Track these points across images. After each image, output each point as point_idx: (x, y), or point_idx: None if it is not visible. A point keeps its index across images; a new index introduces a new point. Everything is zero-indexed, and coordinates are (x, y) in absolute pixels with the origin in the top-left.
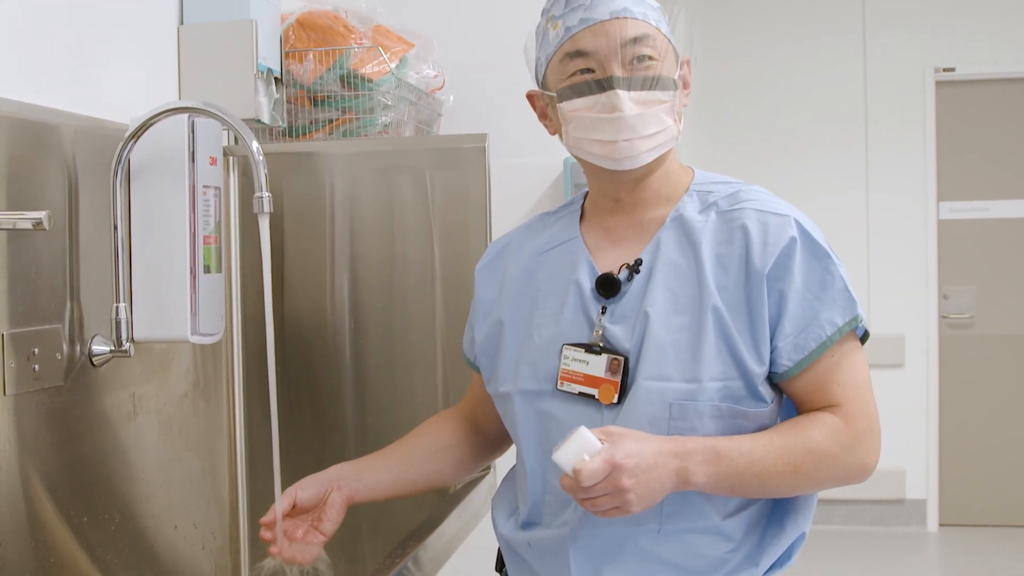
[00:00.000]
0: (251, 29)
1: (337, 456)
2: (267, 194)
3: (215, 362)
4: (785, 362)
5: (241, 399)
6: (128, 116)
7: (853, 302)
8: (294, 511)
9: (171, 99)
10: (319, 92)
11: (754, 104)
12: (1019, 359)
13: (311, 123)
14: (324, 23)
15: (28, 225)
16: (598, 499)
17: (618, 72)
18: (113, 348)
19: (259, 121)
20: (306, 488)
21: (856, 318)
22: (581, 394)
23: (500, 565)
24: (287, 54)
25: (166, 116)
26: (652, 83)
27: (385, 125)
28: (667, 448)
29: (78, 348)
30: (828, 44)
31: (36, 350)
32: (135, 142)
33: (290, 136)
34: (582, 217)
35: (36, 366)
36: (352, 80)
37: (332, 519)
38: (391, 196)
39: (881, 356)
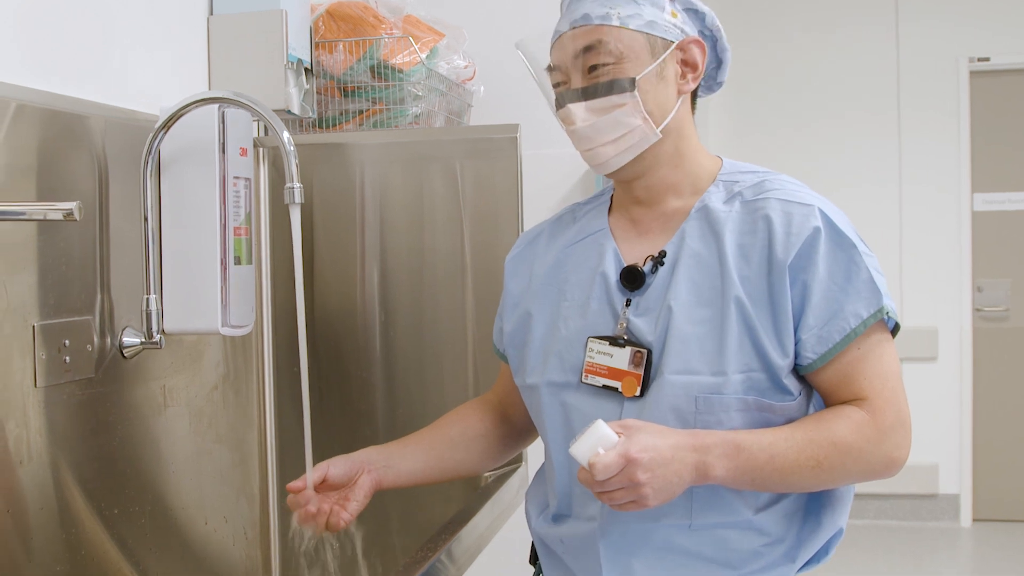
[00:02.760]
0: (281, 19)
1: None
2: (298, 185)
3: (245, 354)
4: (809, 354)
5: (271, 391)
6: (158, 107)
7: (879, 293)
8: (323, 486)
9: (201, 90)
10: (349, 83)
11: (785, 92)
12: None
13: (341, 114)
14: (354, 13)
15: (59, 216)
16: (614, 492)
17: (577, 83)
18: (144, 340)
19: (289, 112)
20: (337, 465)
21: (881, 309)
22: (605, 387)
23: (534, 558)
24: (317, 44)
25: (196, 107)
26: (605, 89)
27: (415, 116)
28: (685, 442)
29: (109, 340)
30: (860, 32)
31: (67, 342)
32: (165, 133)
33: (320, 127)
34: (611, 208)
35: (67, 358)
36: (382, 71)
37: (359, 500)
38: (421, 187)
39: (914, 349)
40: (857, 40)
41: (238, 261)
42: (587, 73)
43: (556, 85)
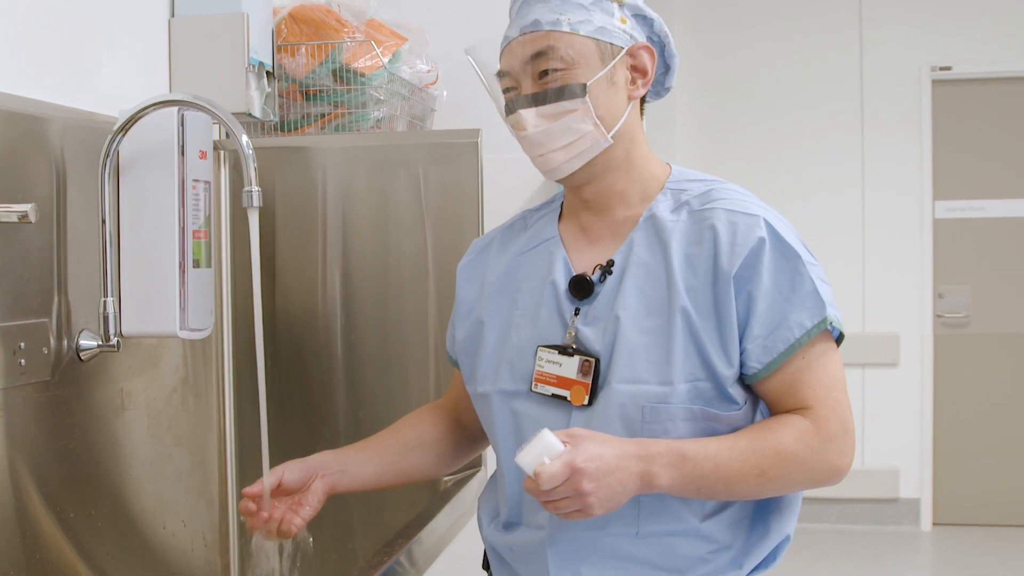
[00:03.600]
0: (242, 22)
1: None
2: (256, 188)
3: (205, 357)
4: (754, 364)
5: (231, 394)
6: (118, 109)
7: (823, 304)
8: (278, 491)
9: (161, 92)
10: (311, 86)
11: (750, 100)
12: (1014, 358)
13: (303, 117)
14: (317, 17)
15: (14, 218)
16: (559, 502)
17: (527, 89)
18: (101, 343)
19: (250, 115)
20: (292, 470)
21: (825, 319)
22: (554, 396)
23: (487, 564)
24: (279, 48)
25: (155, 109)
26: (556, 95)
27: (378, 120)
28: (630, 451)
29: (65, 342)
30: (825, 41)
31: (23, 344)
32: (124, 135)
33: (282, 130)
34: (561, 215)
35: (23, 360)
36: (345, 74)
37: (313, 505)
38: (384, 191)
39: (875, 355)
40: (821, 48)
41: (197, 264)
42: (537, 79)
43: (506, 91)
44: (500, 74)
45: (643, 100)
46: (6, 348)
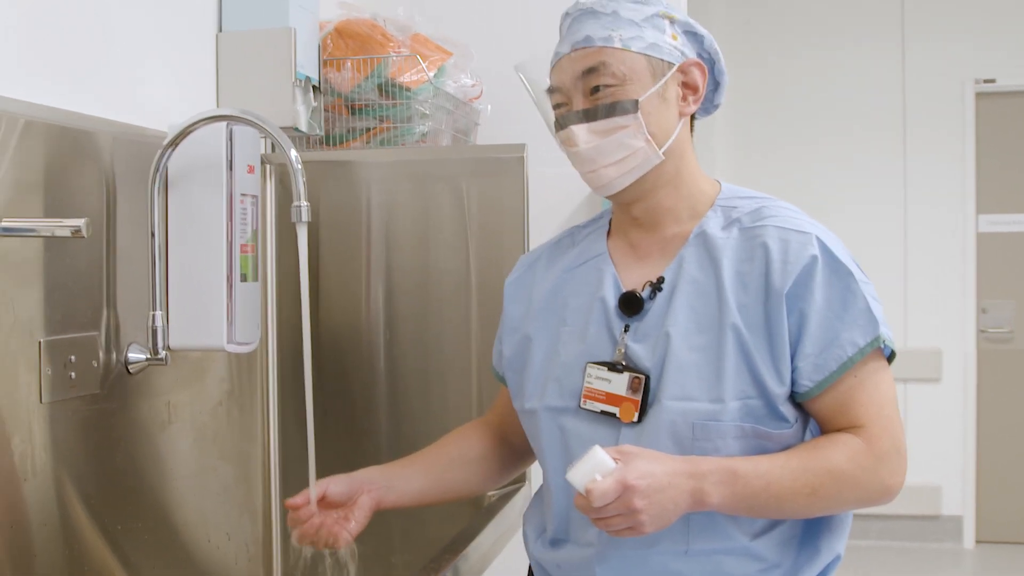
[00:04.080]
0: (289, 37)
1: (371, 465)
2: (305, 204)
3: (250, 370)
4: (806, 382)
5: (275, 408)
6: (166, 123)
7: (875, 322)
8: (321, 504)
9: (209, 107)
10: (357, 100)
11: (791, 111)
12: None
13: (348, 131)
14: (362, 31)
15: (67, 233)
16: (610, 519)
17: (579, 105)
18: (149, 356)
19: (296, 129)
20: (338, 483)
21: (878, 338)
22: (603, 412)
23: None
24: (325, 62)
25: (204, 124)
26: (608, 111)
27: (423, 134)
28: (681, 468)
29: (114, 356)
30: (866, 53)
31: (73, 358)
32: (173, 150)
33: (327, 144)
34: (610, 232)
35: (72, 374)
36: (390, 89)
37: (360, 520)
38: (428, 205)
39: (918, 370)
40: (863, 60)
41: (244, 278)
42: (589, 95)
43: (557, 107)
44: (551, 90)
45: (693, 117)
46: (56, 361)
